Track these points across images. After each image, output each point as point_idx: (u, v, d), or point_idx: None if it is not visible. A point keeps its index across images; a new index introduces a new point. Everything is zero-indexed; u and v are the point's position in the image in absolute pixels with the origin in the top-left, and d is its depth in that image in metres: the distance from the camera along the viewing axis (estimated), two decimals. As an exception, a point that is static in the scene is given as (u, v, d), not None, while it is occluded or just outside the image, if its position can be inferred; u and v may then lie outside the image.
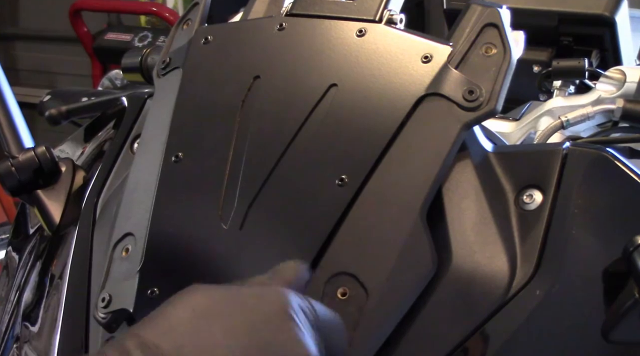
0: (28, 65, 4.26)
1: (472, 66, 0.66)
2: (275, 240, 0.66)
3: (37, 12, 4.16)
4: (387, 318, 0.60)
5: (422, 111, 0.65)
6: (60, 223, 0.83)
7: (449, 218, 0.65)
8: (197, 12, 0.82)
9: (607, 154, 0.64)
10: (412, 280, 0.61)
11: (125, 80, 1.38)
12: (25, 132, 0.88)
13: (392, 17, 0.72)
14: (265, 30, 0.75)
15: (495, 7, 0.68)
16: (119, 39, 3.22)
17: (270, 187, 0.67)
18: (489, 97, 0.64)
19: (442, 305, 0.62)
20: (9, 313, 0.86)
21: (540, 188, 0.64)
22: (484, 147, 0.68)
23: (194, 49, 0.78)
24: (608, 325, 0.57)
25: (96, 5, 3.36)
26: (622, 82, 1.02)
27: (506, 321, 0.61)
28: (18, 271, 0.91)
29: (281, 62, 0.72)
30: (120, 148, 0.86)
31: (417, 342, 0.61)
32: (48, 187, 0.85)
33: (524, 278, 0.62)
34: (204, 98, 0.74)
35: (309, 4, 0.75)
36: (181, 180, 0.71)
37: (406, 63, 0.67)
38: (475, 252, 0.64)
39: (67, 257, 0.80)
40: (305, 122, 0.68)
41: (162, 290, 0.65)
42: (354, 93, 0.68)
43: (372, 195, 0.64)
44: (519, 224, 0.64)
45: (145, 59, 1.03)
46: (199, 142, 0.72)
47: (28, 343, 0.80)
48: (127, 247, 0.69)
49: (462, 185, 0.66)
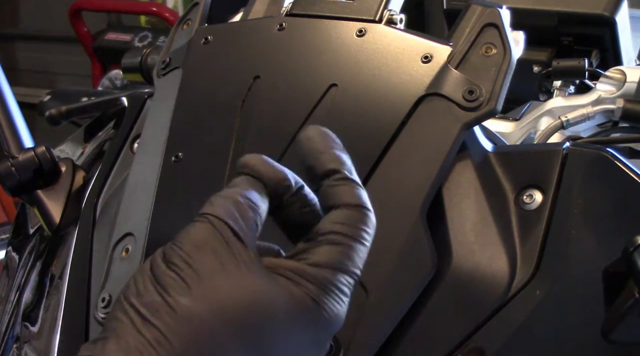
0: (28, 65, 4.26)
1: (472, 66, 0.66)
2: (274, 240, 0.66)
3: (37, 12, 4.16)
4: (387, 318, 0.60)
5: (422, 111, 0.65)
6: (60, 223, 0.83)
7: (449, 218, 0.65)
8: (197, 12, 0.82)
9: (607, 154, 0.64)
10: (412, 280, 0.61)
11: (125, 80, 1.38)
12: (25, 132, 0.88)
13: (392, 17, 0.72)
14: (265, 30, 0.75)
15: (495, 7, 0.68)
16: (119, 39, 3.22)
17: (270, 187, 0.67)
18: (489, 97, 0.64)
19: (442, 305, 0.62)
20: (9, 313, 0.86)
21: (540, 188, 0.64)
22: (484, 147, 0.68)
23: (194, 49, 0.78)
24: (608, 325, 0.57)
25: (96, 5, 3.36)
26: (622, 82, 1.02)
27: (506, 321, 0.61)
28: (18, 271, 0.91)
29: (281, 62, 0.72)
30: (120, 148, 0.86)
31: (417, 342, 0.61)
32: (48, 187, 0.84)
33: (524, 278, 0.62)
34: (204, 99, 0.74)
35: (309, 4, 0.75)
36: (181, 180, 0.71)
37: (406, 63, 0.67)
38: (475, 252, 0.64)
39: (67, 257, 0.80)
40: (305, 122, 0.68)
41: (162, 290, 0.65)
42: (354, 93, 0.68)
43: (372, 195, 0.63)
44: (519, 224, 0.64)
45: (145, 59, 1.03)
46: (199, 142, 0.72)
47: (28, 343, 0.80)
48: (127, 247, 0.69)
49: (462, 185, 0.66)
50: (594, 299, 0.60)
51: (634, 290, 0.54)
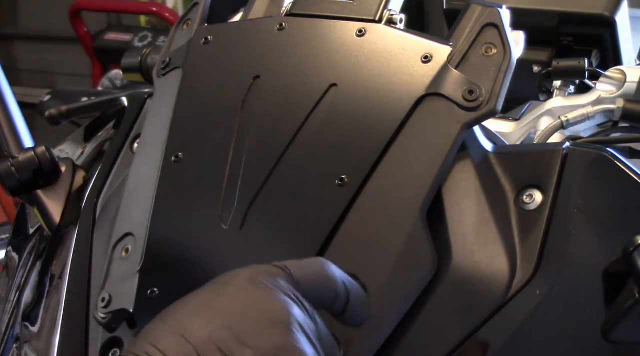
0: (28, 65, 4.26)
1: (472, 66, 0.66)
2: (275, 240, 0.66)
3: (37, 12, 4.16)
4: (387, 318, 0.60)
5: (422, 111, 0.65)
6: (60, 223, 0.83)
7: (449, 218, 0.65)
8: (197, 12, 0.82)
9: (607, 154, 0.64)
10: (412, 280, 0.61)
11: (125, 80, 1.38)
12: (25, 132, 0.88)
13: (392, 17, 0.72)
14: (265, 30, 0.75)
15: (495, 7, 0.68)
16: (119, 39, 3.22)
17: (270, 187, 0.67)
18: (489, 97, 0.64)
19: (442, 305, 0.62)
20: (9, 313, 0.86)
21: (540, 188, 0.64)
22: (484, 147, 0.68)
23: (194, 49, 0.78)
24: (608, 325, 0.57)
25: (96, 5, 3.36)
26: (622, 82, 1.02)
27: (506, 322, 0.61)
28: (18, 271, 0.91)
29: (281, 62, 0.72)
30: (120, 148, 0.86)
31: (417, 342, 0.61)
32: (48, 187, 0.84)
33: (524, 278, 0.62)
34: (204, 99, 0.74)
35: (309, 4, 0.75)
36: (181, 180, 0.71)
37: (406, 63, 0.67)
38: (475, 252, 0.64)
39: (67, 257, 0.80)
40: (305, 122, 0.68)
41: (162, 290, 0.65)
42: (354, 93, 0.68)
43: (372, 195, 0.64)
44: (519, 224, 0.64)
45: (145, 59, 1.03)
46: (199, 142, 0.72)
47: (28, 343, 0.80)
48: (127, 247, 0.69)
49: (462, 185, 0.66)
50: (594, 299, 0.60)
51: (634, 290, 0.54)
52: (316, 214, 0.64)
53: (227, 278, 0.51)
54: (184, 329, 0.47)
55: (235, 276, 0.50)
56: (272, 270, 0.51)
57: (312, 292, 0.52)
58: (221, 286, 0.50)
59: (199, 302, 0.49)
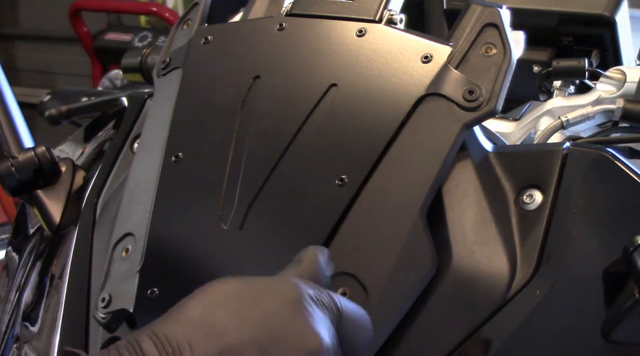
0: (28, 65, 4.26)
1: (472, 66, 0.66)
2: (275, 240, 0.66)
3: (37, 12, 4.16)
4: (387, 318, 0.60)
5: (422, 111, 0.65)
6: (60, 223, 0.83)
7: (449, 218, 0.65)
8: (197, 12, 0.82)
9: (607, 154, 0.64)
10: (412, 280, 0.61)
11: (125, 80, 1.38)
12: (25, 132, 0.88)
13: (392, 17, 0.72)
14: (265, 30, 0.75)
15: (495, 7, 0.68)
16: (119, 39, 3.22)
17: (270, 187, 0.67)
18: (489, 97, 0.64)
19: (442, 305, 0.62)
20: (9, 313, 0.86)
21: (540, 188, 0.64)
22: (484, 147, 0.68)
23: (194, 49, 0.78)
24: (608, 325, 0.57)
25: (96, 5, 3.36)
26: (622, 82, 1.02)
27: (506, 321, 0.61)
28: (18, 271, 0.91)
29: (281, 62, 0.72)
30: (120, 148, 0.86)
31: (417, 342, 0.61)
32: (48, 187, 0.85)
33: (524, 278, 0.62)
34: (204, 99, 0.74)
35: (309, 4, 0.75)
36: (181, 180, 0.71)
37: (406, 63, 0.67)
38: (475, 252, 0.64)
39: (67, 257, 0.80)
40: (305, 122, 0.68)
41: (162, 290, 0.65)
42: (354, 93, 0.68)
43: (372, 195, 0.64)
44: (519, 224, 0.64)
45: (145, 59, 1.03)
46: (199, 142, 0.72)
47: (28, 343, 0.80)
48: (127, 247, 0.69)
49: (462, 185, 0.66)
50: (594, 299, 0.60)
51: (634, 290, 0.54)
52: (316, 214, 0.64)
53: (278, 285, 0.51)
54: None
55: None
56: (323, 298, 0.51)
57: (351, 336, 0.52)
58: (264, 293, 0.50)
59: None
